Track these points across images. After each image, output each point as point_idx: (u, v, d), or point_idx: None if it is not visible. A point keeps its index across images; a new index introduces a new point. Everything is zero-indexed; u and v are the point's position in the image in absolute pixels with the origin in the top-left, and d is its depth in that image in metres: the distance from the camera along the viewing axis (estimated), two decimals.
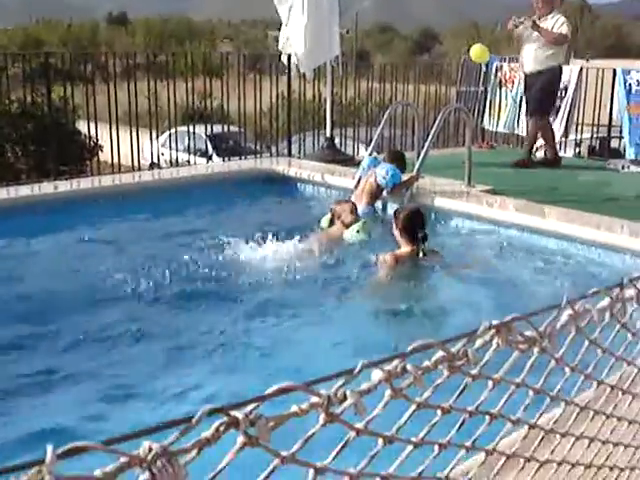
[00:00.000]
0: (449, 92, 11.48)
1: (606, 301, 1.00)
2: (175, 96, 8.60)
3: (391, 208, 6.42)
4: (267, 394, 0.63)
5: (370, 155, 6.99)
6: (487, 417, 0.87)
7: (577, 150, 10.34)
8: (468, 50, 9.70)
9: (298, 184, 7.57)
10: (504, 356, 0.95)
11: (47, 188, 6.74)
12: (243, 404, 0.61)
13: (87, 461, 0.57)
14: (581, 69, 8.80)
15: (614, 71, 8.41)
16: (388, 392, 0.72)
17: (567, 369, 0.98)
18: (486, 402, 0.89)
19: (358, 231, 5.59)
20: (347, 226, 5.67)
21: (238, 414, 0.60)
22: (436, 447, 0.80)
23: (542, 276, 5.12)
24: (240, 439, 0.61)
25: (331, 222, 5.83)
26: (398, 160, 6.70)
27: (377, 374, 0.70)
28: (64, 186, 6.85)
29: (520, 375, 0.92)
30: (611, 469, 1.35)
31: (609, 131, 9.20)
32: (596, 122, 9.44)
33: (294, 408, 0.64)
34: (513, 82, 8.99)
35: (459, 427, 0.82)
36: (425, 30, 77.23)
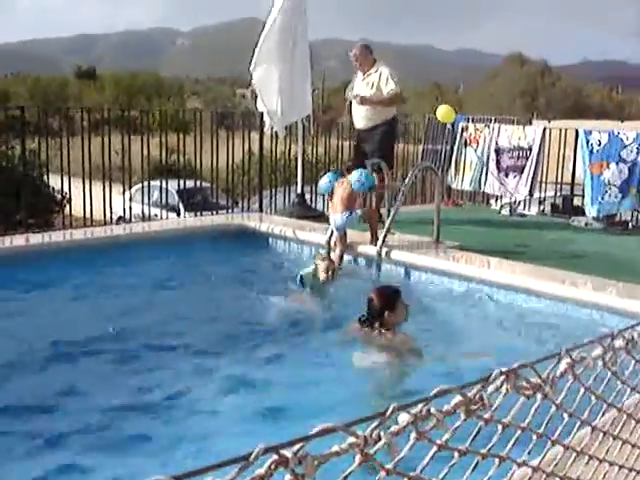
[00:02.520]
0: (414, 150, 11.74)
1: (599, 350, 1.07)
2: (143, 151, 8.64)
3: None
4: (312, 434, 0.67)
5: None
6: (497, 460, 0.92)
7: (541, 208, 10.63)
8: (434, 110, 9.98)
9: (270, 239, 7.62)
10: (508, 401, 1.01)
11: (18, 240, 6.70)
12: (290, 443, 0.65)
13: None
14: (544, 129, 9.10)
15: (576, 131, 8.70)
16: (413, 434, 0.77)
17: (565, 415, 1.04)
18: (496, 444, 0.95)
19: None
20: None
21: (287, 453, 0.65)
22: None
23: (506, 329, 5.23)
24: (287, 477, 0.65)
25: (314, 276, 5.93)
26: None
27: (404, 417, 0.75)
28: (35, 239, 6.81)
29: (525, 418, 0.98)
30: None
31: (572, 189, 9.46)
32: (559, 180, 9.72)
33: (335, 448, 0.69)
34: (478, 142, 9.25)
35: (473, 469, 0.88)
36: None
